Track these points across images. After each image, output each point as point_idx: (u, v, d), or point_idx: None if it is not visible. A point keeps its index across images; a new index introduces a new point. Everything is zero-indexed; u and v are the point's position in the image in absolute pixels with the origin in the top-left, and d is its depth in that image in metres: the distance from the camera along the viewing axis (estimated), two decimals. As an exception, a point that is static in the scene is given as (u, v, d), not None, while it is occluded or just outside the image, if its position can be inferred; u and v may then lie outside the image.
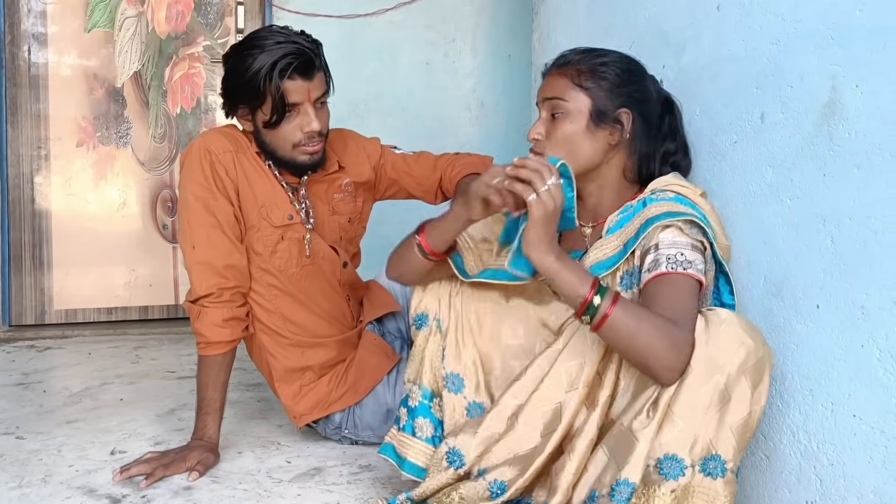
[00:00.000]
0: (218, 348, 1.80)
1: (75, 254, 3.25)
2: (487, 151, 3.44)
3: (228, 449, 1.92)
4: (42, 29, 3.16)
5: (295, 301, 1.90)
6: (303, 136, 1.79)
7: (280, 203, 1.86)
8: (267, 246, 1.85)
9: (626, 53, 1.57)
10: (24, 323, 3.20)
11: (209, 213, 1.79)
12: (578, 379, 1.43)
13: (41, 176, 3.19)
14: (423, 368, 1.62)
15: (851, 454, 1.24)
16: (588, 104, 1.49)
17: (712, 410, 1.26)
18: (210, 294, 1.79)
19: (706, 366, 1.26)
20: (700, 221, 1.41)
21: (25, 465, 1.81)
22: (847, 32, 1.25)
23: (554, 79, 1.54)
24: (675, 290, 1.37)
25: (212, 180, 1.78)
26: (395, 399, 1.92)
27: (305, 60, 1.75)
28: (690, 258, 1.39)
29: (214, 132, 1.85)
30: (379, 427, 1.93)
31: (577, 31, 2.34)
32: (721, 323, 1.29)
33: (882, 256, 1.18)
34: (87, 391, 2.40)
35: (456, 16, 3.44)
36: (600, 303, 1.31)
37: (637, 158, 1.54)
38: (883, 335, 1.18)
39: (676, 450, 1.26)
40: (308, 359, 1.91)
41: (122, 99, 3.27)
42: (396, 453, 1.62)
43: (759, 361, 1.27)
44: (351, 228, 2.03)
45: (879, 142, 1.19)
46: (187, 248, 1.81)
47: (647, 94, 1.55)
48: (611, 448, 1.35)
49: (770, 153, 1.43)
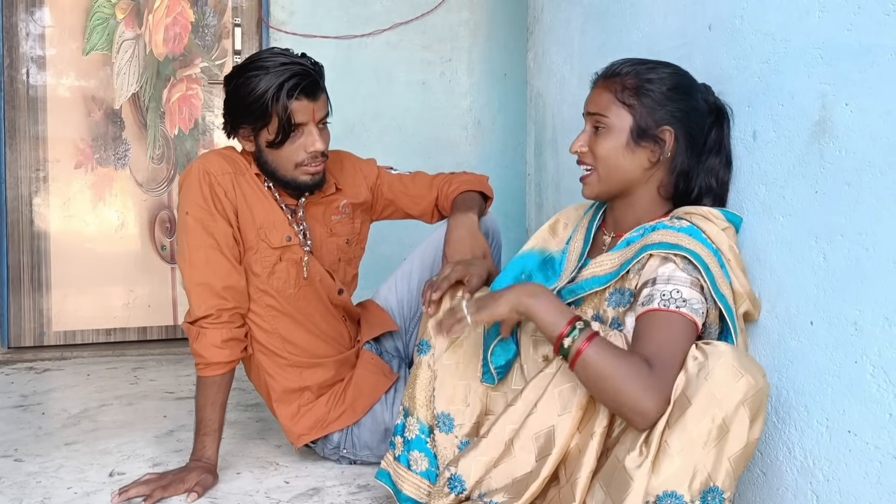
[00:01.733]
0: (217, 369, 1.80)
1: (74, 275, 3.25)
2: (484, 170, 3.47)
3: (227, 469, 1.92)
4: (40, 52, 3.18)
5: (293, 321, 1.91)
6: (306, 157, 1.81)
7: (279, 224, 1.87)
8: (265, 267, 1.86)
9: (677, 67, 1.53)
10: (22, 345, 3.20)
11: (208, 234, 1.80)
12: (571, 402, 1.42)
13: (40, 198, 3.20)
14: (418, 402, 1.63)
15: (847, 470, 1.25)
16: (630, 121, 1.47)
17: (710, 444, 1.23)
18: (209, 315, 1.79)
19: (705, 400, 1.24)
20: (695, 261, 1.37)
21: (24, 487, 1.81)
22: (836, 51, 1.26)
23: (599, 92, 1.52)
24: (665, 329, 1.34)
25: (210, 202, 1.79)
26: (394, 418, 1.92)
27: (312, 82, 1.78)
28: (686, 296, 1.36)
29: (213, 154, 1.86)
30: (377, 446, 1.93)
31: (572, 51, 2.36)
32: (720, 356, 1.26)
33: (874, 273, 1.19)
34: (86, 413, 2.40)
35: (451, 36, 3.46)
36: (573, 342, 1.32)
37: (675, 175, 1.51)
38: (876, 351, 1.19)
39: (675, 486, 1.24)
40: (306, 379, 1.92)
41: (120, 121, 3.29)
42: (393, 482, 1.63)
43: (758, 395, 1.25)
44: (349, 250, 2.04)
45: (870, 159, 1.20)
46: (186, 269, 1.82)
47: (693, 111, 1.50)
48: (607, 484, 1.33)
49: (763, 171, 1.44)
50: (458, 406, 1.60)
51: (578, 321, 1.34)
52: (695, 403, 1.24)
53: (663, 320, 1.34)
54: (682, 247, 1.39)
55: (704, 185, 1.52)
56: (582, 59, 2.28)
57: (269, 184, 1.89)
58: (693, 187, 1.52)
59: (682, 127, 1.49)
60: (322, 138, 1.82)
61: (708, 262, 1.39)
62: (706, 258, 1.39)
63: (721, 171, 1.54)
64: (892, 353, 1.16)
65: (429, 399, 1.62)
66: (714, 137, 1.54)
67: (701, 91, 1.54)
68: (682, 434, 1.24)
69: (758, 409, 1.25)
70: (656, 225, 1.47)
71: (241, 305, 1.85)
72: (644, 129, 1.47)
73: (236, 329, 1.83)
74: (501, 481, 1.46)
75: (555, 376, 1.45)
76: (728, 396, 1.24)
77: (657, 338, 1.33)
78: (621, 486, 1.28)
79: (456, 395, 1.60)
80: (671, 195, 1.54)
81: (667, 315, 1.34)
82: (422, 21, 3.41)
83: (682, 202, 1.53)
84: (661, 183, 1.52)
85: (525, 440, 1.45)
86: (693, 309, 1.35)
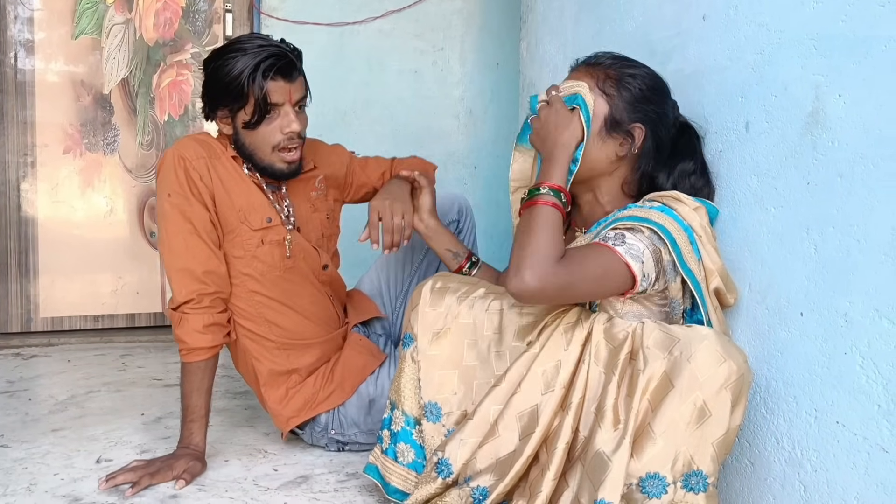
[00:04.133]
0: (200, 354, 1.80)
1: (62, 261, 3.23)
2: (476, 160, 3.48)
3: (215, 457, 1.92)
4: (29, 36, 3.15)
5: (279, 304, 1.91)
6: (283, 138, 1.82)
7: (258, 206, 1.87)
8: (247, 250, 1.86)
9: (655, 72, 1.57)
10: (9, 331, 3.18)
11: (185, 219, 1.80)
12: (555, 381, 1.44)
13: (27, 183, 3.18)
14: (404, 395, 1.64)
15: (835, 461, 1.25)
16: (606, 110, 1.51)
17: (692, 427, 1.26)
18: (190, 300, 1.79)
19: (687, 383, 1.26)
20: (662, 234, 1.41)
21: (10, 473, 1.80)
22: (830, 42, 1.26)
23: (579, 75, 1.55)
24: (589, 250, 1.41)
25: (186, 187, 1.80)
26: (378, 390, 1.93)
27: (288, 62, 1.80)
28: (628, 240, 1.40)
29: (187, 139, 1.87)
30: (364, 421, 1.93)
31: (565, 40, 2.35)
32: (702, 340, 1.29)
33: (864, 264, 1.19)
34: (73, 399, 2.39)
35: (444, 24, 3.44)
36: (543, 194, 1.42)
37: (639, 175, 1.55)
38: (865, 342, 1.19)
39: (658, 468, 1.26)
40: (294, 361, 1.92)
41: (109, 106, 3.26)
42: (381, 475, 1.64)
43: (740, 380, 1.27)
44: (330, 226, 2.08)
45: (862, 151, 1.20)
46: (166, 255, 1.83)
47: (664, 117, 1.55)
48: (586, 464, 1.35)
49: (755, 162, 1.44)
50: (446, 395, 1.61)
51: (561, 190, 1.43)
52: (677, 386, 1.27)
53: (593, 247, 1.42)
54: (651, 220, 1.42)
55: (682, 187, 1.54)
56: (576, 48, 2.27)
57: (247, 166, 1.89)
58: (664, 186, 1.54)
59: (653, 128, 1.53)
60: (298, 120, 1.83)
61: (676, 236, 1.41)
62: (674, 233, 1.42)
63: (694, 178, 1.55)
64: (882, 345, 1.16)
65: (415, 391, 1.63)
66: (684, 143, 1.58)
67: (670, 103, 1.58)
68: (664, 416, 1.26)
69: (739, 394, 1.27)
70: (628, 206, 1.51)
71: (223, 290, 1.85)
72: (618, 122, 1.51)
73: (218, 314, 1.83)
74: (486, 461, 1.47)
75: (538, 356, 1.47)
76: (710, 380, 1.26)
77: (581, 251, 1.41)
78: (600, 468, 1.30)
79: (443, 383, 1.61)
80: (635, 194, 1.57)
81: (598, 245, 1.42)
82: (414, 9, 3.39)
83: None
84: (624, 179, 1.56)
85: (509, 419, 1.47)
86: (630, 252, 1.39)
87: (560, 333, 1.47)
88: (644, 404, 1.29)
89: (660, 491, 1.26)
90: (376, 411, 1.91)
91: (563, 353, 1.45)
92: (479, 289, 1.61)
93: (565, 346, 1.45)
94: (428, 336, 1.63)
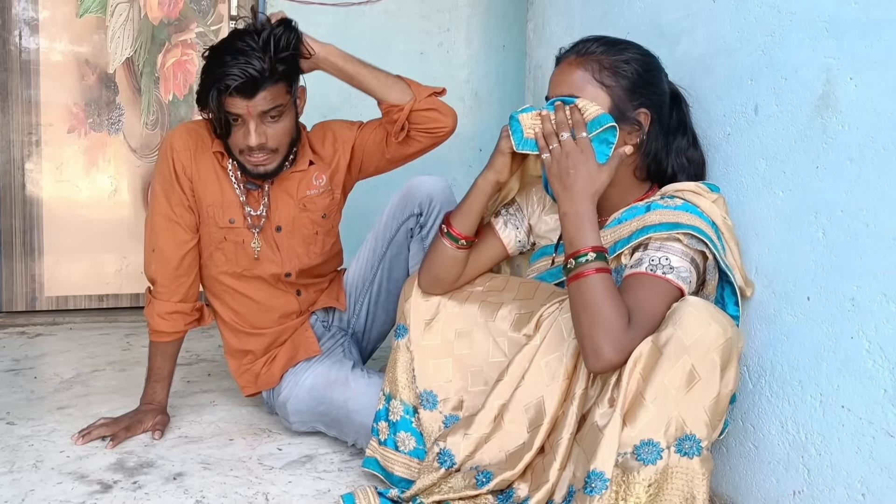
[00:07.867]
0: (161, 336, 1.94)
1: (66, 241, 3.23)
2: (482, 142, 3.46)
3: (219, 436, 1.93)
4: (33, 14, 3.13)
5: (238, 294, 2.00)
6: (245, 148, 1.82)
7: (227, 205, 1.92)
8: (213, 242, 1.94)
9: (643, 48, 1.51)
10: (14, 309, 3.18)
11: (168, 204, 1.90)
12: (558, 372, 1.44)
13: (32, 162, 3.17)
14: (400, 384, 1.65)
15: (839, 445, 1.26)
16: (608, 103, 1.44)
17: (682, 391, 1.26)
18: (157, 282, 1.92)
19: (675, 349, 1.26)
20: (701, 236, 1.38)
21: (16, 450, 1.81)
22: (841, 25, 1.25)
23: (570, 71, 1.47)
24: (649, 290, 1.36)
25: (172, 174, 1.90)
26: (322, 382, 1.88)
27: (246, 82, 1.73)
28: (675, 265, 1.38)
29: (181, 128, 1.94)
30: (308, 410, 1.90)
31: (573, 22, 2.34)
32: (690, 306, 1.29)
33: (873, 249, 1.19)
34: (78, 378, 2.40)
35: (450, 5, 3.42)
36: (589, 261, 1.34)
37: (647, 157, 1.51)
38: (872, 327, 1.19)
39: (651, 434, 1.27)
40: (245, 344, 2.02)
41: (113, 85, 3.25)
42: (382, 467, 1.65)
43: (728, 343, 1.27)
44: (326, 223, 2.04)
45: (873, 135, 1.19)
46: (148, 232, 1.94)
47: (664, 94, 1.51)
48: (582, 442, 1.36)
49: (763, 145, 1.43)
50: (440, 382, 1.62)
51: (602, 250, 1.36)
52: (665, 353, 1.27)
53: (649, 283, 1.37)
54: (683, 224, 1.39)
55: (677, 164, 1.53)
56: (583, 30, 2.26)
57: (233, 161, 1.91)
58: (665, 168, 1.53)
59: (656, 110, 1.48)
60: (259, 133, 1.78)
61: (710, 235, 1.40)
62: (708, 231, 1.40)
63: (690, 151, 1.54)
64: (889, 330, 1.16)
65: (410, 380, 1.64)
66: (676, 118, 1.55)
67: (664, 76, 1.54)
68: (654, 383, 1.27)
69: (728, 357, 1.28)
70: (650, 204, 1.47)
71: (190, 275, 1.93)
72: (622, 112, 1.44)
73: (180, 304, 1.93)
74: (494, 457, 1.48)
75: (540, 347, 1.47)
76: (697, 343, 1.26)
77: (640, 296, 1.36)
78: (594, 439, 1.31)
79: (437, 372, 1.62)
80: (645, 177, 1.55)
81: (653, 279, 1.37)
82: (420, -10, 3.37)
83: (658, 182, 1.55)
84: (636, 165, 1.52)
85: (515, 413, 1.47)
86: (680, 277, 1.37)
87: (561, 325, 1.46)
88: (636, 376, 1.29)
89: (654, 457, 1.26)
90: (317, 402, 1.89)
91: (565, 345, 1.45)
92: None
93: (566, 337, 1.45)
94: (420, 326, 1.63)
